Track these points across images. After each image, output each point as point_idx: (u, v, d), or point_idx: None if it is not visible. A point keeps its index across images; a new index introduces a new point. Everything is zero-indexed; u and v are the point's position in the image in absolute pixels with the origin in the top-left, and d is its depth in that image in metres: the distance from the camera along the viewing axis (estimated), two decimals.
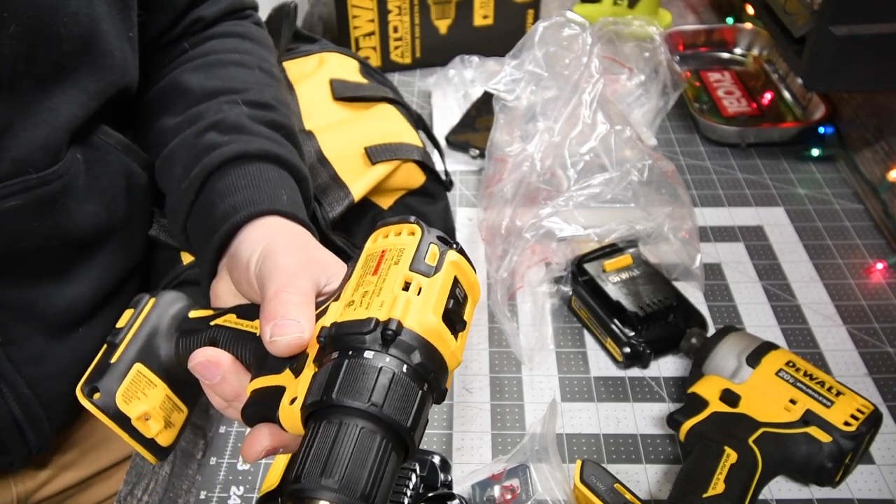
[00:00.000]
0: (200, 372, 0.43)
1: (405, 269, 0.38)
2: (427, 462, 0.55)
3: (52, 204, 0.53)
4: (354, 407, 0.34)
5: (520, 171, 0.76)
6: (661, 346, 0.72)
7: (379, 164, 0.73)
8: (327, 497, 0.32)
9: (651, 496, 0.61)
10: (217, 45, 0.64)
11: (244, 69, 0.62)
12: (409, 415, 0.35)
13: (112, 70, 0.55)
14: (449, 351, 0.37)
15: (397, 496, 0.53)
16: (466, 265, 0.40)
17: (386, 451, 0.34)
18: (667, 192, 0.78)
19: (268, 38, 0.70)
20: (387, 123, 0.79)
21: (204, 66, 0.62)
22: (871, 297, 0.78)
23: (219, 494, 0.62)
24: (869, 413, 0.58)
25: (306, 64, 0.85)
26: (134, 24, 0.57)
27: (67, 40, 0.50)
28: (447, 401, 0.69)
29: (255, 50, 0.66)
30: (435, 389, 0.37)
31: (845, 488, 0.61)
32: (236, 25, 0.67)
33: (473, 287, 0.40)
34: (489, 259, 0.77)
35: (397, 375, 0.35)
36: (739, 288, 0.80)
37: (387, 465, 0.34)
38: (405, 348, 0.36)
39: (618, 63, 0.99)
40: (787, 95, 1.07)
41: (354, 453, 0.33)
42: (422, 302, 0.37)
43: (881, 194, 0.88)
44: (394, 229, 0.41)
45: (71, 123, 0.52)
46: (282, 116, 0.59)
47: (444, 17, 1.15)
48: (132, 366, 0.46)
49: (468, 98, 1.07)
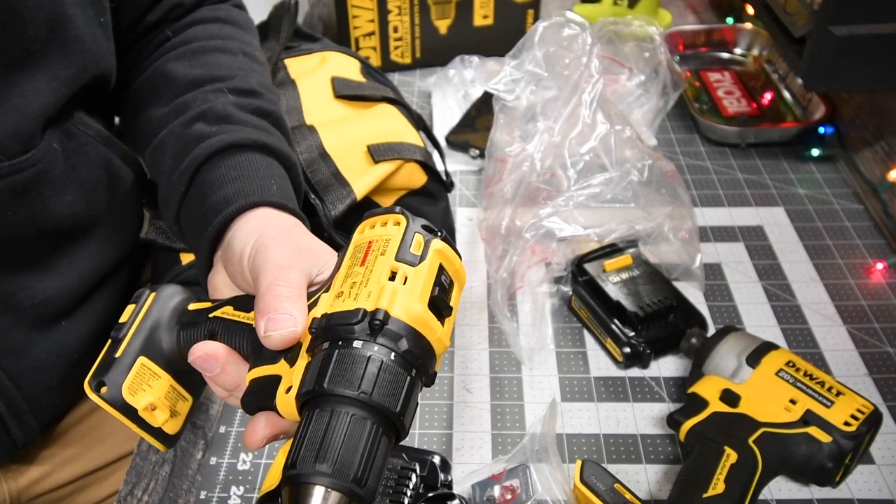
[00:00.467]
0: (200, 365, 0.44)
1: (391, 259, 0.39)
2: (427, 462, 0.55)
3: (27, 192, 0.53)
4: (345, 395, 0.36)
5: (520, 171, 0.76)
6: (661, 346, 0.72)
7: (382, 163, 0.73)
8: (321, 481, 0.34)
9: (651, 496, 0.61)
10: (199, 31, 0.64)
11: (228, 55, 0.62)
12: (399, 400, 0.36)
13: (83, 56, 0.54)
14: (435, 337, 0.39)
15: (397, 496, 0.53)
16: (451, 252, 0.41)
17: (377, 435, 0.36)
18: (667, 192, 0.78)
19: (249, 21, 0.70)
20: (388, 122, 0.79)
21: (188, 53, 0.62)
22: (871, 297, 0.78)
23: (219, 494, 0.62)
24: (869, 413, 0.58)
25: (308, 62, 0.85)
26: (106, 10, 0.57)
27: (33, 24, 0.50)
28: (447, 401, 0.69)
29: (237, 34, 0.65)
30: (423, 374, 0.38)
31: (845, 488, 0.61)
32: (216, 9, 0.67)
33: (459, 273, 0.42)
34: (489, 259, 0.77)
35: (386, 363, 0.36)
36: (739, 288, 0.80)
37: (378, 449, 0.36)
38: (392, 337, 0.37)
39: (618, 63, 0.99)
40: (787, 95, 1.07)
41: (346, 439, 0.35)
42: (408, 291, 0.38)
43: (881, 194, 0.88)
44: (380, 220, 0.42)
45: (43, 111, 0.52)
46: (267, 103, 0.60)
47: (444, 17, 1.15)
48: (136, 359, 0.48)
49: (468, 98, 1.07)
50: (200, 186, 0.53)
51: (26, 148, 0.52)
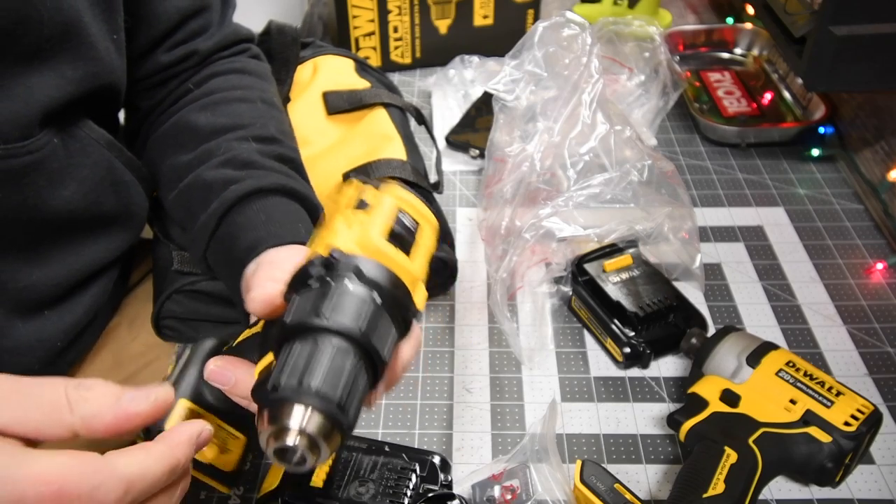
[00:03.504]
0: (215, 379, 0.45)
1: (347, 211, 0.41)
2: (427, 462, 0.55)
3: (20, 178, 0.54)
4: (304, 322, 0.36)
5: (519, 172, 0.76)
6: (661, 346, 0.72)
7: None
8: (305, 400, 0.34)
9: (651, 496, 0.61)
10: (220, 82, 0.66)
11: (248, 104, 0.65)
12: (363, 322, 0.36)
13: (94, 62, 0.56)
14: (398, 265, 0.39)
15: (398, 496, 0.53)
16: (410, 196, 0.43)
17: (343, 354, 0.36)
18: (667, 192, 0.78)
19: (266, 69, 0.73)
20: (372, 139, 0.79)
21: (210, 104, 0.64)
22: (871, 297, 0.78)
23: (219, 494, 0.62)
24: (869, 413, 0.58)
25: (301, 73, 0.85)
26: (120, 28, 0.59)
27: (49, 25, 0.52)
28: (447, 401, 0.69)
29: (255, 83, 0.68)
30: (385, 295, 0.38)
31: (845, 488, 0.61)
32: (234, 62, 0.70)
33: (425, 216, 0.43)
34: (489, 259, 0.77)
35: (342, 288, 0.37)
36: (739, 288, 0.80)
37: (356, 377, 0.36)
38: (347, 268, 0.38)
39: (618, 63, 0.99)
40: (787, 95, 1.07)
41: (331, 364, 0.35)
42: (360, 228, 0.39)
43: (881, 194, 0.88)
44: (343, 189, 0.44)
45: (45, 104, 0.53)
46: (287, 149, 0.63)
47: (444, 17, 1.15)
48: (177, 401, 0.48)
49: (468, 98, 1.07)
50: (230, 227, 0.55)
51: (24, 136, 0.53)
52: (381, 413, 0.68)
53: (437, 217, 0.80)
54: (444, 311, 0.78)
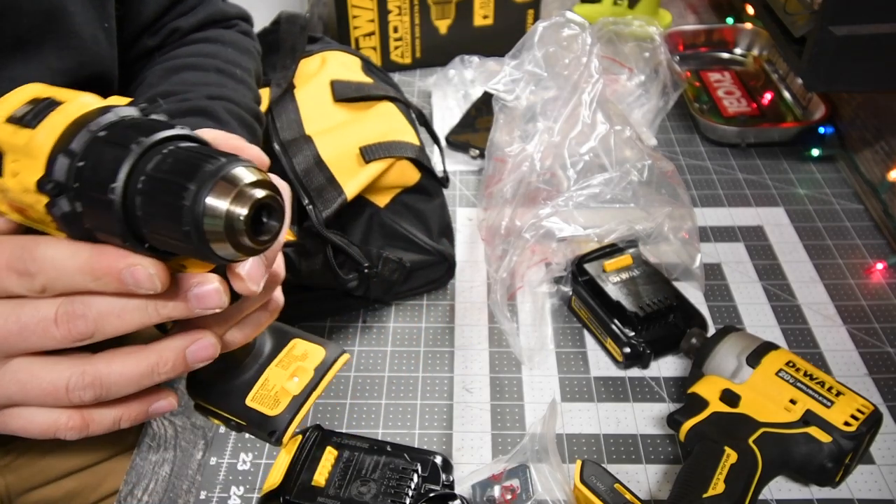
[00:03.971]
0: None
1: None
2: (429, 462, 0.55)
3: None
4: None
5: (519, 172, 0.76)
6: (661, 346, 0.72)
7: (373, 163, 0.73)
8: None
9: (651, 496, 0.61)
10: (181, 51, 0.65)
11: (197, 72, 0.63)
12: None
13: (81, 52, 0.55)
14: None
15: (399, 496, 0.53)
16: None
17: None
18: (667, 192, 0.78)
19: (249, 44, 0.71)
20: (385, 122, 0.79)
21: (161, 72, 0.63)
22: (871, 297, 0.78)
23: (219, 494, 0.62)
24: (869, 413, 0.58)
25: (309, 65, 0.85)
26: (111, 16, 0.58)
27: (29, 14, 0.51)
28: (447, 401, 0.69)
29: (220, 52, 0.66)
30: None
31: (845, 488, 0.61)
32: (208, 33, 0.68)
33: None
34: (489, 259, 0.77)
35: None
36: (739, 288, 0.80)
37: None
38: None
39: (618, 63, 0.99)
40: (787, 95, 1.07)
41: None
42: None
43: (881, 194, 0.88)
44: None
45: None
46: (194, 104, 0.59)
47: (444, 17, 1.15)
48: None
49: (468, 98, 1.07)
50: None
51: None
52: (382, 413, 0.68)
53: (441, 213, 0.81)
54: (444, 311, 0.78)
